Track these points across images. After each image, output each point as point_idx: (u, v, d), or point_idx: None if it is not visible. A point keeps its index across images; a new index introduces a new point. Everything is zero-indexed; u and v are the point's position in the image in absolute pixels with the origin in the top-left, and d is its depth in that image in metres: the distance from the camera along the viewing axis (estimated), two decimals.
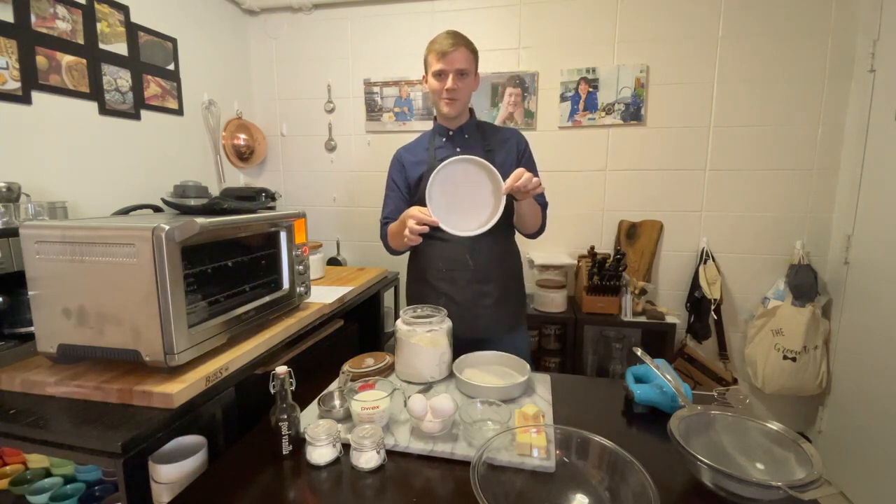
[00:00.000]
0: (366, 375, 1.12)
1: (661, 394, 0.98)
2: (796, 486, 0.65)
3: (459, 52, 1.29)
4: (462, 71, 1.30)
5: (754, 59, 2.01)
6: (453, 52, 1.28)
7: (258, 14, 2.46)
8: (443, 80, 1.31)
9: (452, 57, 1.29)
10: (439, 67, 1.30)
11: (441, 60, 1.29)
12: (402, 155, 1.47)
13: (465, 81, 1.31)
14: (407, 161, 1.44)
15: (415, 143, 1.48)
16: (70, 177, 1.54)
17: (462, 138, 1.39)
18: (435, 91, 1.34)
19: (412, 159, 1.43)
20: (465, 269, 1.35)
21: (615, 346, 2.19)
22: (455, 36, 1.31)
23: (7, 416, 0.84)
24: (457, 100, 1.32)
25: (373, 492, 0.76)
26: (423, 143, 1.44)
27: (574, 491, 0.74)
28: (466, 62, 1.30)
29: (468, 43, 1.32)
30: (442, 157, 1.33)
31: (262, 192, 1.65)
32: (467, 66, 1.30)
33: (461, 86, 1.31)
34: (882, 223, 1.73)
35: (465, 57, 1.30)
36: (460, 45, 1.29)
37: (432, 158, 1.37)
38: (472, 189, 1.17)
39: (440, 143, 1.41)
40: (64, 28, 1.50)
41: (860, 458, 1.78)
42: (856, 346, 1.85)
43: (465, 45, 1.31)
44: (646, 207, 2.20)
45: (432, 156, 1.38)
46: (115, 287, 0.87)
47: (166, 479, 0.82)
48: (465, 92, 1.33)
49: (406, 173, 1.44)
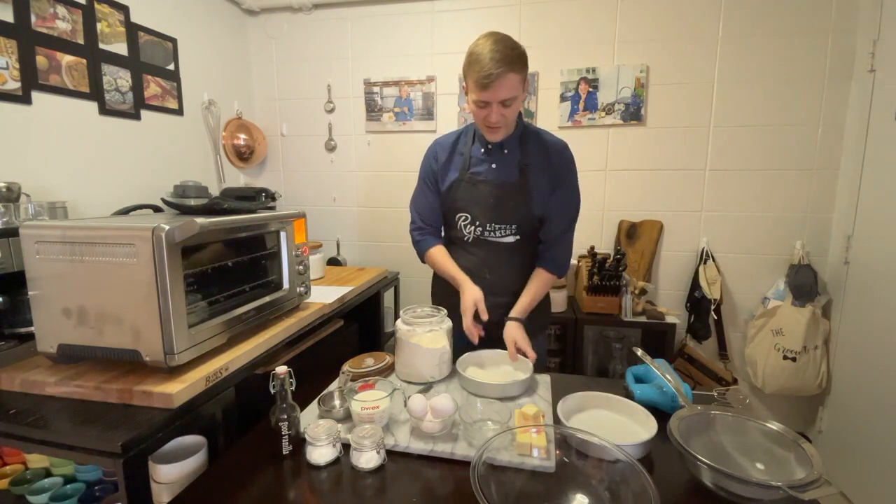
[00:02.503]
0: (366, 375, 1.12)
1: (661, 394, 0.98)
2: (796, 486, 0.65)
3: (507, 79, 1.05)
4: (507, 101, 1.09)
5: (754, 59, 2.01)
6: (499, 80, 1.04)
7: (258, 14, 2.46)
8: (486, 109, 1.12)
9: (497, 88, 1.05)
10: (482, 98, 1.09)
11: (484, 90, 1.07)
12: (438, 151, 1.33)
13: (511, 108, 1.11)
14: (441, 159, 1.32)
15: (454, 140, 1.32)
16: (70, 177, 1.54)
17: (500, 153, 1.26)
18: (476, 117, 1.18)
19: (445, 159, 1.31)
20: (482, 281, 1.27)
21: (615, 346, 2.19)
22: (501, 59, 1.03)
23: (7, 416, 0.84)
24: (501, 128, 1.17)
25: (373, 492, 0.76)
26: (461, 145, 1.31)
27: (574, 491, 0.74)
28: (515, 88, 1.08)
29: (515, 63, 1.06)
30: (475, 170, 1.26)
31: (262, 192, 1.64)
32: (516, 92, 1.09)
33: (508, 113, 1.12)
34: (882, 223, 1.73)
35: (512, 84, 1.07)
36: (506, 71, 1.04)
37: (465, 170, 1.27)
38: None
39: (477, 154, 1.28)
40: (64, 28, 1.50)
41: (860, 458, 1.78)
42: (856, 346, 1.85)
43: (513, 66, 1.05)
44: (646, 207, 2.20)
45: (466, 167, 1.27)
46: (115, 287, 0.87)
47: (166, 479, 0.82)
48: (511, 118, 1.16)
49: (437, 173, 1.32)
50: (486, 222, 1.27)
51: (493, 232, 1.27)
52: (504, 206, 1.25)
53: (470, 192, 1.27)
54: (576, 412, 0.97)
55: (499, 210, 1.25)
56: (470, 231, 1.30)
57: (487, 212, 1.26)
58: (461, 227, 1.31)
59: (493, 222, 1.26)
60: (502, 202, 1.24)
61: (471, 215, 1.28)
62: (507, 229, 1.27)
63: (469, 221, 1.29)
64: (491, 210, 1.26)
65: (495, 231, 1.27)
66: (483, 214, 1.27)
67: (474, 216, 1.28)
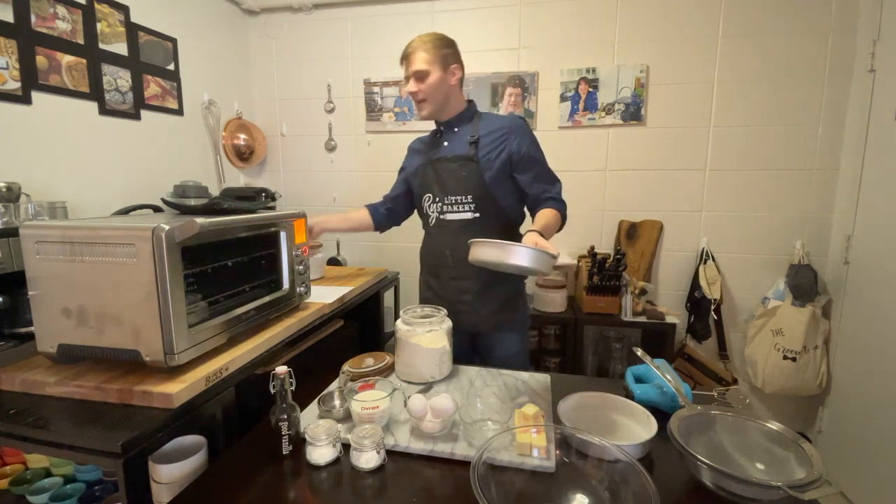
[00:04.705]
0: (366, 375, 1.12)
1: (661, 394, 0.98)
2: (796, 486, 0.65)
3: (416, 55, 1.31)
4: (419, 73, 1.31)
5: (754, 58, 2.01)
6: (409, 55, 1.32)
7: (258, 14, 2.46)
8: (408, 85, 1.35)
9: (409, 60, 1.32)
10: (405, 73, 1.35)
11: (403, 67, 1.35)
12: (413, 145, 1.56)
13: (425, 82, 1.31)
14: (412, 149, 1.54)
15: (426, 136, 1.53)
16: (70, 177, 1.54)
17: (452, 133, 1.41)
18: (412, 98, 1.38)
19: (415, 148, 1.53)
20: (445, 264, 1.39)
21: (615, 346, 2.19)
22: (416, 39, 1.32)
23: (7, 416, 0.84)
24: (424, 100, 1.34)
25: (373, 492, 0.76)
26: (429, 139, 1.50)
27: (574, 491, 0.74)
28: (423, 62, 1.30)
29: (426, 42, 1.31)
30: (433, 153, 1.41)
31: (262, 192, 1.64)
32: (425, 66, 1.30)
33: (422, 87, 1.32)
34: (882, 223, 1.73)
35: (421, 58, 1.30)
36: (417, 48, 1.31)
37: (426, 155, 1.44)
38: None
39: (435, 140, 1.45)
40: (64, 28, 1.50)
41: (860, 458, 1.78)
42: (856, 346, 1.85)
43: (423, 45, 1.31)
44: (646, 207, 2.20)
45: (428, 153, 1.44)
46: (115, 287, 0.87)
47: (166, 479, 0.82)
48: (428, 92, 1.32)
49: (412, 160, 1.51)
50: (444, 195, 1.36)
51: (451, 206, 1.36)
52: (457, 177, 1.34)
53: (430, 172, 1.40)
54: (576, 412, 0.97)
55: (452, 182, 1.35)
56: (433, 210, 1.40)
57: (443, 185, 1.36)
58: (426, 208, 1.42)
59: (450, 194, 1.35)
60: (455, 173, 1.35)
61: (432, 193, 1.40)
62: (464, 203, 1.34)
63: (431, 200, 1.40)
64: (446, 183, 1.36)
65: (453, 206, 1.36)
66: (441, 189, 1.37)
67: (434, 193, 1.39)
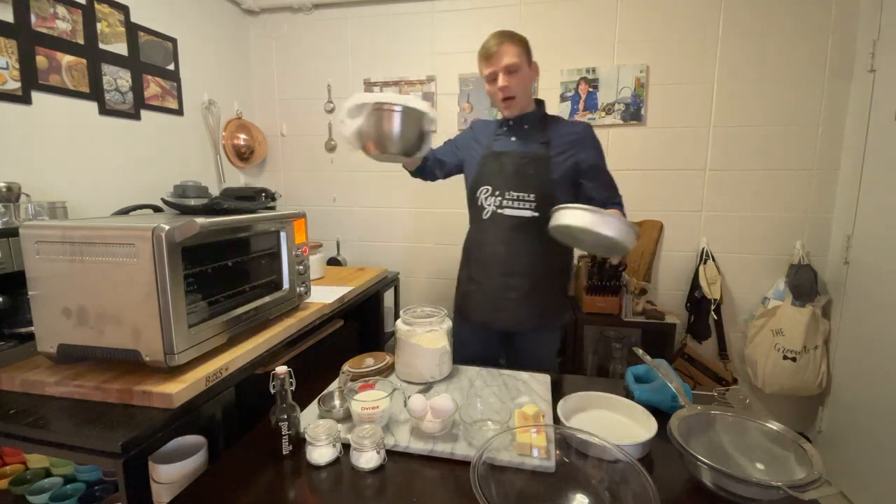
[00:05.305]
0: (366, 375, 1.12)
1: (661, 394, 0.98)
2: (796, 486, 0.65)
3: (504, 48, 1.25)
4: (510, 67, 1.26)
5: (754, 59, 2.01)
6: (498, 49, 1.26)
7: (258, 14, 2.46)
8: (496, 83, 1.28)
9: (499, 55, 1.26)
10: (489, 71, 1.28)
11: (489, 63, 1.28)
12: (475, 125, 1.51)
13: (517, 77, 1.27)
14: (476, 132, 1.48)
15: (489, 124, 1.47)
16: (70, 177, 1.54)
17: (521, 129, 1.37)
18: (492, 95, 1.33)
19: (474, 135, 1.47)
20: (497, 259, 1.36)
21: (615, 346, 2.19)
22: (500, 35, 1.28)
23: (7, 416, 0.84)
24: (513, 97, 1.30)
25: (373, 492, 0.76)
26: (489, 127, 1.45)
27: (574, 491, 0.74)
28: (515, 55, 1.26)
29: (513, 36, 1.28)
30: (498, 145, 1.37)
31: (262, 192, 1.64)
32: (516, 59, 1.26)
33: (513, 82, 1.27)
34: (882, 223, 1.73)
35: (511, 51, 1.26)
36: (504, 41, 1.26)
37: (489, 146, 1.39)
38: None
39: (500, 132, 1.41)
40: (64, 28, 1.50)
41: (860, 458, 1.78)
42: (856, 346, 1.85)
43: (510, 39, 1.27)
44: (646, 207, 2.20)
45: (489, 143, 1.40)
46: (115, 287, 0.87)
47: (166, 479, 0.82)
48: (518, 88, 1.29)
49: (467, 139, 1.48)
50: (506, 190, 1.33)
51: (511, 202, 1.33)
52: (523, 174, 1.32)
53: (492, 165, 1.36)
54: (576, 412, 0.97)
55: (517, 178, 1.32)
56: (490, 203, 1.36)
57: (507, 180, 1.33)
58: (482, 201, 1.38)
59: (513, 190, 1.33)
60: (522, 170, 1.32)
61: (492, 186, 1.36)
62: (525, 200, 1.32)
63: (490, 193, 1.36)
64: (510, 178, 1.33)
65: (514, 202, 1.33)
66: (503, 183, 1.34)
67: (495, 186, 1.35)
